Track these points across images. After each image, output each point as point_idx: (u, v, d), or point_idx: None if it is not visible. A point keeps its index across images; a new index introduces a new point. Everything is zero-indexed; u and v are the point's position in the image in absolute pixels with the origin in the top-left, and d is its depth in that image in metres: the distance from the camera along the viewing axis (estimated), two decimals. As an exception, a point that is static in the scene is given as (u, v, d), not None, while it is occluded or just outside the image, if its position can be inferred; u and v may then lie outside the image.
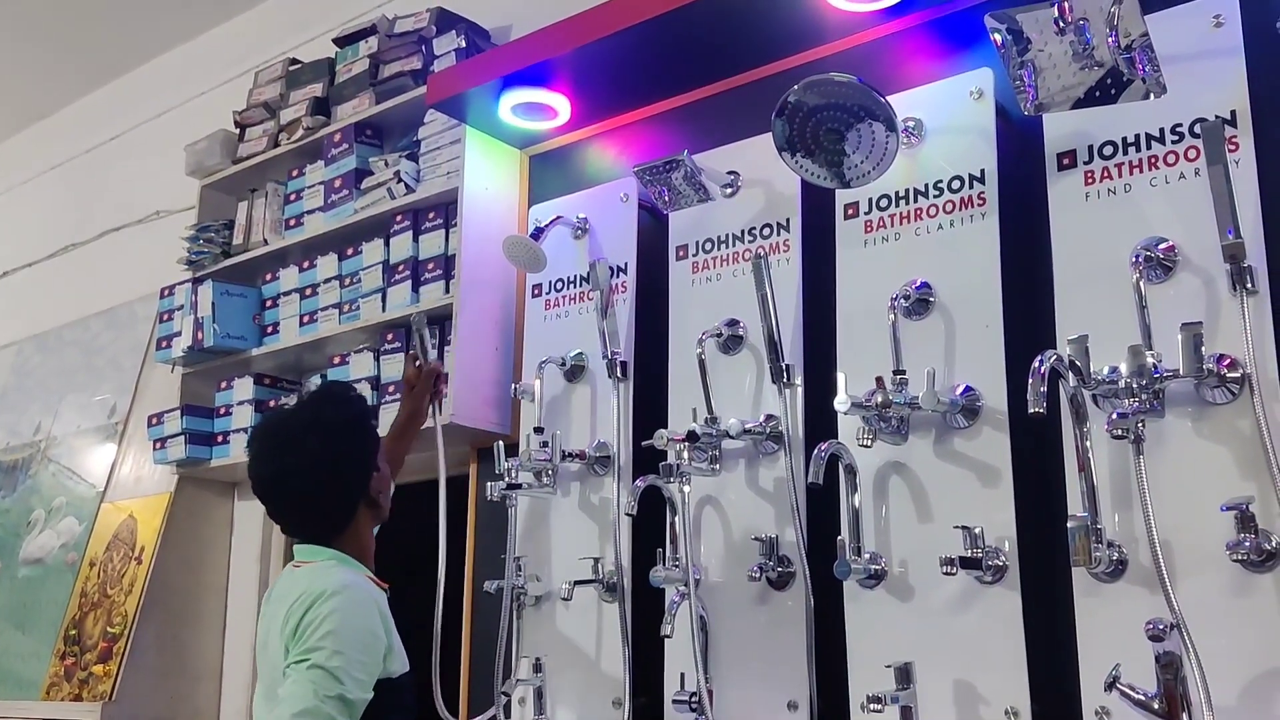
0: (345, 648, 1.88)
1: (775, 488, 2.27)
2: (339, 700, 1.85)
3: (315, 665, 1.85)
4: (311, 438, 2.03)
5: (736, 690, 2.22)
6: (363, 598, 1.97)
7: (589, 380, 2.61)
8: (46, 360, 4.51)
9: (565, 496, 2.59)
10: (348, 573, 2.00)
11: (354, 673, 1.88)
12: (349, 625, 1.91)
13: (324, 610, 1.90)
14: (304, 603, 1.92)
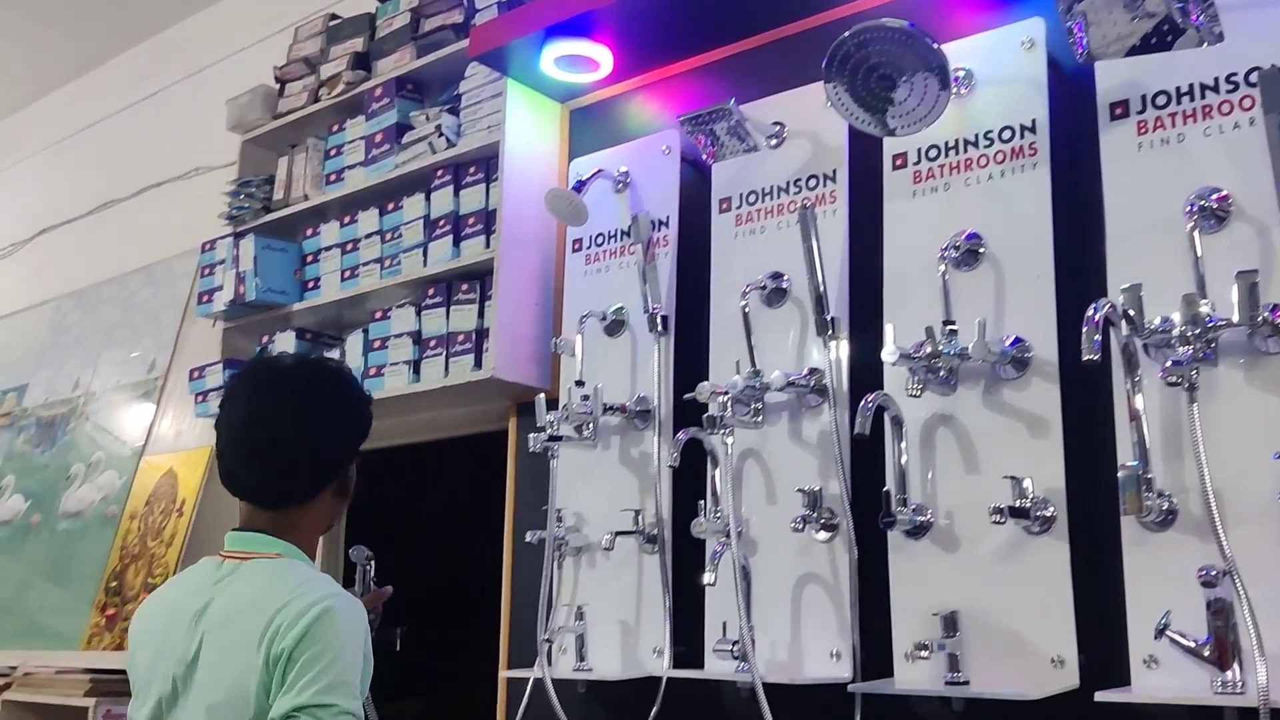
0: (353, 678, 1.65)
1: (819, 440, 2.27)
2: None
3: (343, 712, 1.61)
4: (325, 385, 1.86)
5: (778, 640, 2.23)
6: (359, 613, 1.72)
7: (630, 335, 2.61)
8: (85, 317, 4.55)
9: (606, 450, 2.60)
10: (327, 579, 1.76)
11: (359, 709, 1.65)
12: (354, 651, 1.67)
13: (334, 632, 1.64)
14: (305, 618, 1.64)
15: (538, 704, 2.50)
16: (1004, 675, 1.94)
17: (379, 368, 3.02)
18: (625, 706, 2.47)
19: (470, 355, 2.81)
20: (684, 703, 2.38)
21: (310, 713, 1.60)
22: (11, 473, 4.40)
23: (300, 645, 1.63)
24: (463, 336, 2.84)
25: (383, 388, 2.99)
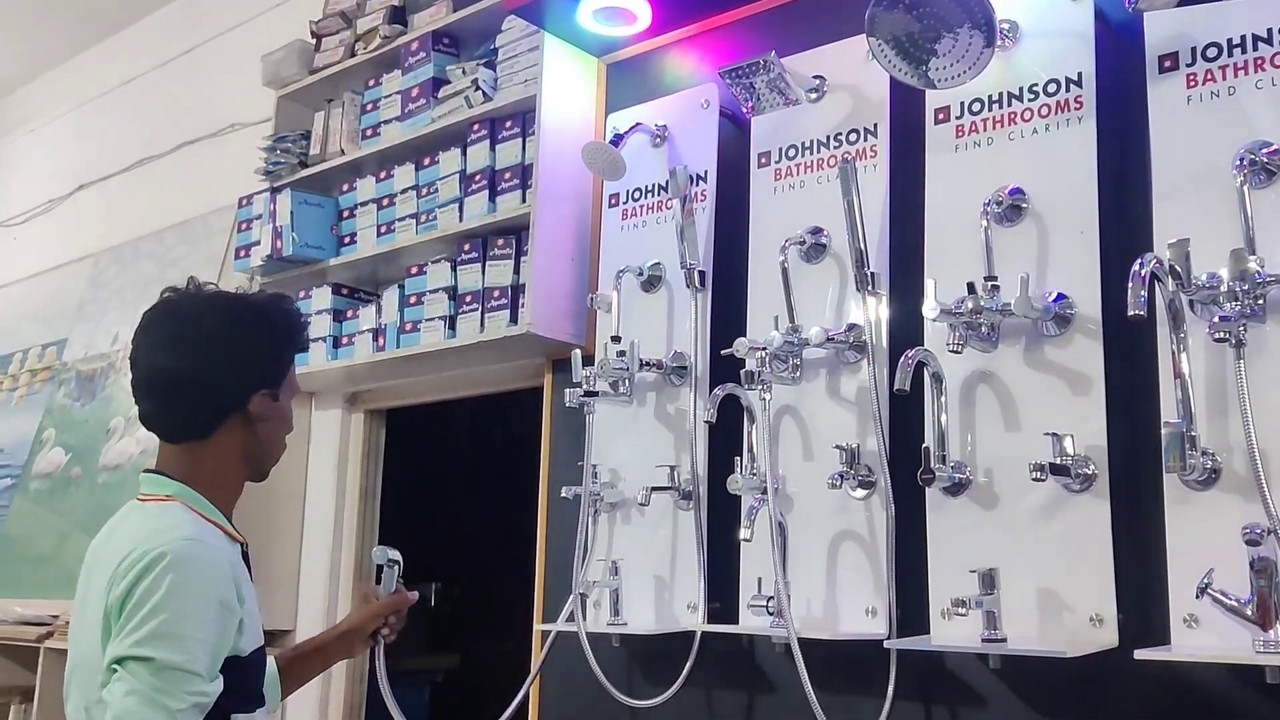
0: (193, 630, 1.56)
1: (857, 397, 2.26)
2: (191, 711, 1.53)
3: (163, 667, 1.52)
4: (213, 315, 1.77)
5: (814, 596, 2.23)
6: (212, 559, 1.63)
7: (666, 290, 2.60)
8: (122, 272, 4.58)
9: (642, 406, 2.60)
10: (194, 523, 1.67)
11: (202, 665, 1.56)
12: (192, 600, 1.57)
13: (164, 581, 1.56)
14: (136, 566, 1.57)
15: (572, 657, 2.52)
16: (1042, 633, 1.93)
17: (414, 323, 3.03)
18: (659, 661, 2.48)
19: (506, 311, 2.81)
20: (718, 658, 2.39)
21: (126, 665, 1.54)
22: (52, 426, 4.46)
23: (129, 594, 1.57)
24: (498, 292, 2.84)
25: (418, 343, 3.00)
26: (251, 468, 1.83)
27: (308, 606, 3.53)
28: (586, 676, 2.43)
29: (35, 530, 4.23)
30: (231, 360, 1.76)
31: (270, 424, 1.81)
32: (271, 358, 1.82)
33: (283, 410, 1.84)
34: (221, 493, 1.77)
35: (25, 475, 4.43)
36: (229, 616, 1.62)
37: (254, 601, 1.72)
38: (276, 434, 1.85)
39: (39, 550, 4.18)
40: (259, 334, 1.80)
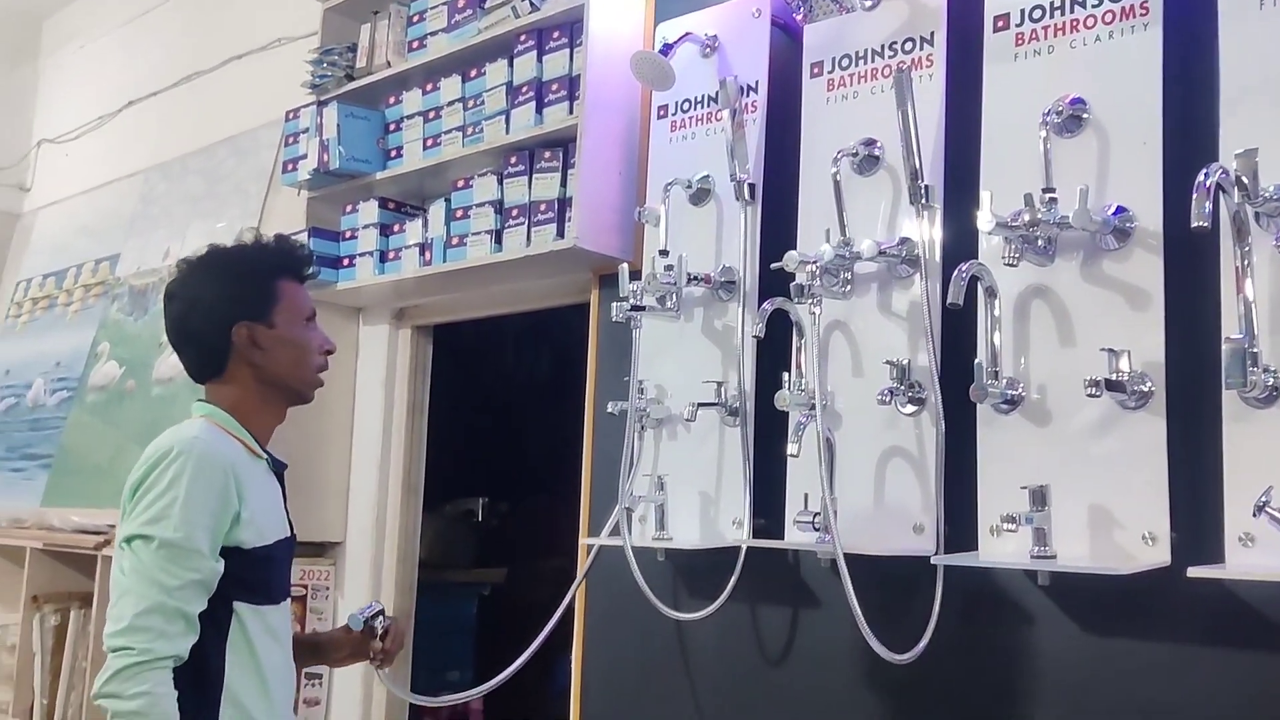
0: (190, 513, 1.75)
1: (909, 312, 2.22)
2: (190, 588, 1.73)
3: (162, 544, 1.73)
4: (191, 273, 1.98)
5: (860, 513, 2.22)
6: (212, 453, 1.81)
7: (715, 203, 2.57)
8: (172, 188, 4.59)
9: (689, 322, 2.57)
10: (207, 430, 1.87)
11: (201, 543, 1.75)
12: (192, 486, 1.76)
13: (169, 471, 1.77)
14: (145, 463, 1.81)
15: (616, 571, 2.53)
16: (1093, 551, 1.91)
17: (461, 237, 3.01)
18: (703, 575, 2.49)
19: (553, 225, 2.78)
20: (762, 573, 2.39)
21: (132, 544, 1.76)
22: (107, 340, 4.51)
23: (140, 483, 1.79)
24: (545, 206, 2.81)
25: (464, 258, 2.99)
26: (276, 392, 1.99)
27: (357, 519, 3.57)
28: (631, 590, 2.44)
29: (92, 442, 4.31)
30: (204, 306, 1.94)
31: (271, 351, 1.96)
32: (244, 292, 1.96)
33: (282, 336, 1.97)
34: (249, 417, 1.94)
35: (81, 388, 4.50)
36: (226, 507, 1.79)
37: (265, 507, 1.89)
38: (284, 358, 1.97)
39: (95, 461, 4.25)
40: (224, 276, 1.97)
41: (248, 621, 1.84)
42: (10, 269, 5.43)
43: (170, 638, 1.71)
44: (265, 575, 1.89)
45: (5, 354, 5.14)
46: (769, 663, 2.41)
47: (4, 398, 4.97)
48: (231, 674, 1.81)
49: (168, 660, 1.71)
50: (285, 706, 1.92)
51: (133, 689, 1.67)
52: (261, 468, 1.94)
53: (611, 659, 2.72)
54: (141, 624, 1.70)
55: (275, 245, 2.07)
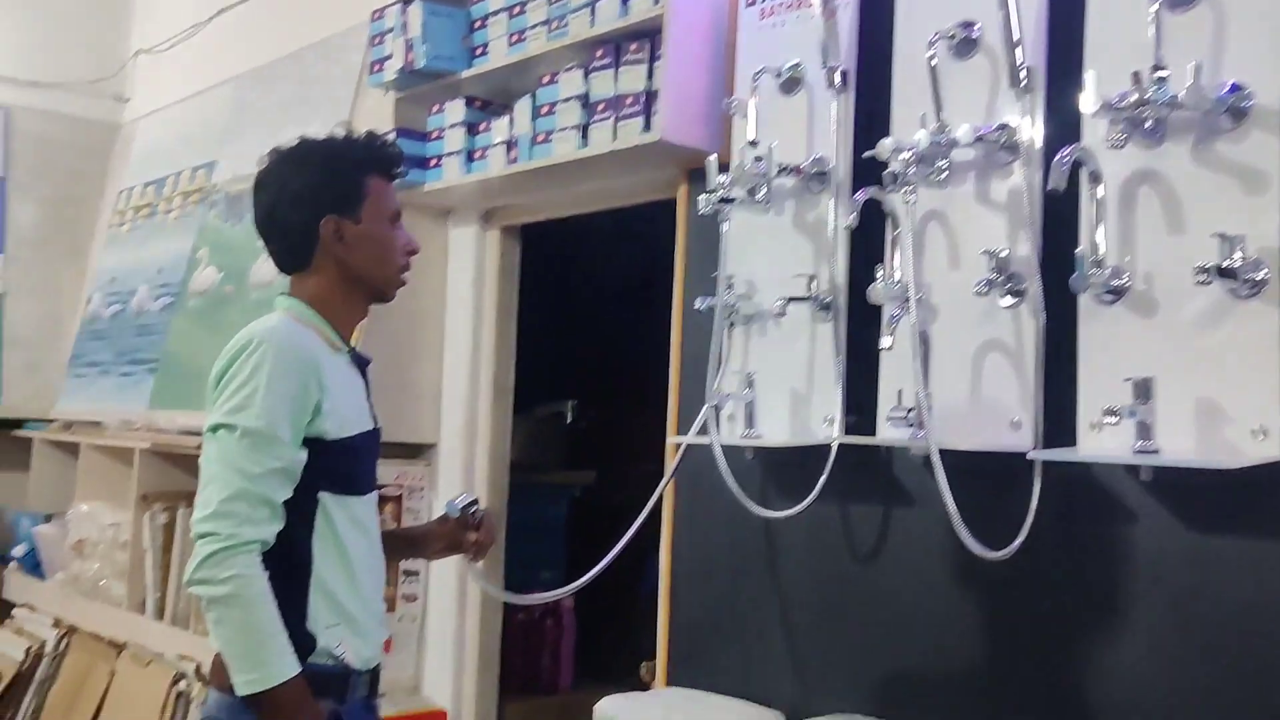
0: (271, 402, 1.77)
1: (1008, 200, 2.14)
2: (273, 475, 1.76)
3: (245, 432, 1.76)
4: (280, 164, 1.98)
5: (956, 408, 2.16)
6: (292, 344, 1.84)
7: (806, 92, 2.49)
8: (264, 94, 4.61)
9: (779, 214, 2.51)
10: (286, 322, 1.89)
11: (282, 431, 1.77)
12: (273, 376, 1.78)
13: (250, 360, 1.80)
14: (228, 354, 1.83)
15: (705, 470, 2.52)
16: (1199, 445, 1.83)
17: (547, 134, 2.97)
18: (793, 472, 2.46)
19: (639, 118, 2.72)
20: (855, 469, 2.35)
21: (216, 432, 1.80)
22: (205, 246, 4.58)
23: (223, 374, 1.82)
24: (631, 99, 2.75)
25: (551, 154, 2.95)
26: (359, 288, 2.00)
27: (450, 421, 3.61)
28: (720, 487, 2.43)
29: (194, 346, 4.40)
30: (293, 196, 1.94)
31: (356, 246, 1.96)
32: (334, 185, 1.96)
33: (367, 232, 1.97)
34: (329, 310, 1.96)
35: (183, 294, 4.59)
36: (306, 397, 1.81)
37: (347, 399, 1.91)
38: (368, 255, 1.98)
39: (198, 365, 4.34)
40: (315, 168, 1.96)
41: (333, 512, 1.87)
42: (113, 178, 5.53)
43: (255, 523, 1.74)
44: (349, 466, 1.91)
45: (111, 262, 5.26)
46: (859, 561, 2.38)
47: (111, 304, 5.09)
48: (319, 562, 1.85)
49: (254, 544, 1.74)
50: (373, 595, 1.95)
51: (223, 573, 1.71)
52: (343, 360, 1.95)
53: (700, 558, 2.72)
54: (226, 510, 1.73)
55: (366, 142, 2.05)
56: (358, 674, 1.88)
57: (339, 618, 1.86)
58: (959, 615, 2.21)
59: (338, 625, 1.85)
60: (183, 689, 3.53)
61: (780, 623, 2.52)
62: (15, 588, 4.75)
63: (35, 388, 5.22)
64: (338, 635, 1.85)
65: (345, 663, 1.85)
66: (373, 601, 1.94)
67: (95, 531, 4.22)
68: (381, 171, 2.02)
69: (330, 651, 1.84)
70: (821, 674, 2.44)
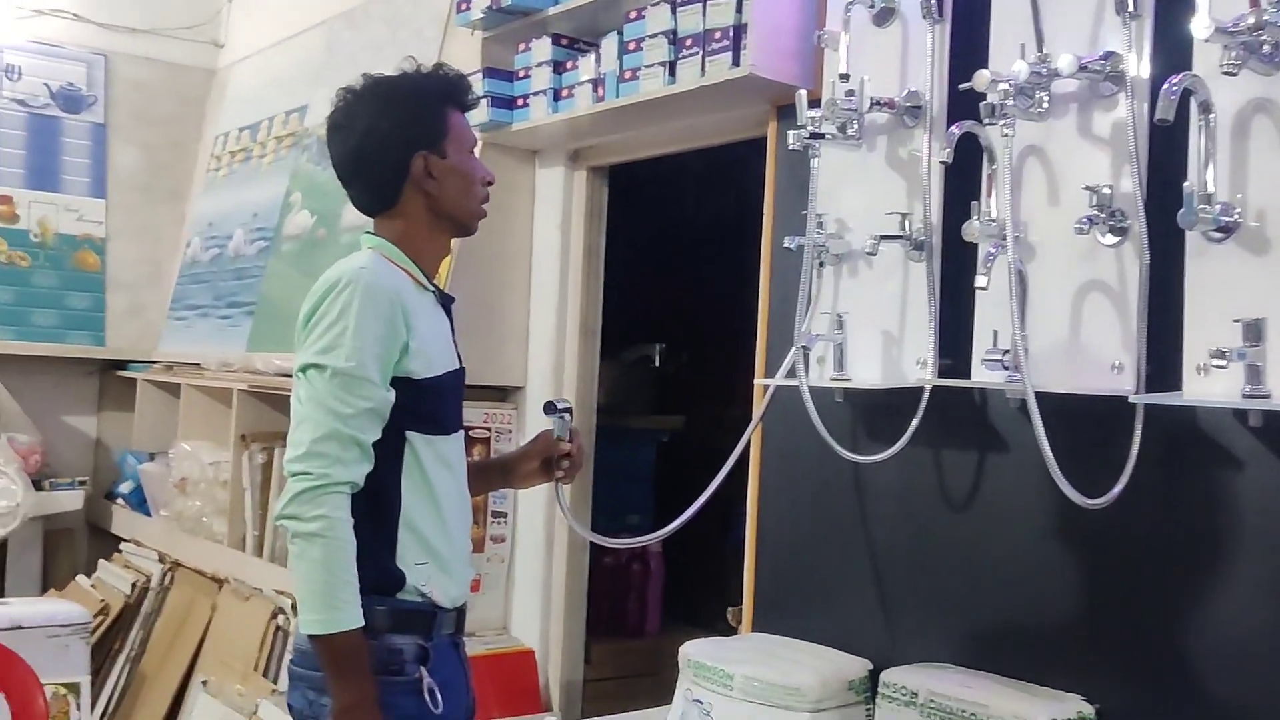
0: (360, 342, 1.76)
1: (1111, 133, 2.04)
2: (364, 416, 1.75)
3: (335, 372, 1.75)
4: (359, 103, 1.94)
5: (1054, 350, 2.09)
6: (379, 284, 1.81)
7: (900, 22, 2.40)
8: (355, 36, 4.62)
9: (871, 151, 2.44)
10: (374, 260, 1.86)
11: (371, 371, 1.76)
12: (361, 316, 1.77)
13: (339, 300, 1.78)
14: (316, 294, 1.82)
15: (794, 412, 2.48)
16: (1314, 389, 1.74)
17: (634, 70, 2.92)
18: (884, 416, 2.41)
19: (728, 53, 2.65)
20: (947, 414, 2.29)
21: (306, 373, 1.79)
22: (298, 190, 4.62)
23: (313, 312, 1.81)
24: (720, 34, 2.68)
25: (638, 91, 2.90)
26: (445, 224, 1.98)
27: (537, 363, 3.60)
28: (808, 431, 2.38)
29: (288, 289, 4.46)
30: (381, 136, 1.90)
31: (444, 181, 1.94)
32: (420, 122, 1.93)
33: (453, 166, 1.95)
34: (416, 248, 1.94)
35: (277, 238, 4.64)
36: (394, 337, 1.80)
37: (433, 338, 1.89)
38: (454, 189, 1.96)
39: (293, 307, 4.33)
40: (400, 106, 1.92)
41: (421, 451, 1.87)
42: (209, 124, 5.61)
43: (346, 464, 1.75)
44: (436, 406, 1.90)
45: (208, 206, 5.35)
46: (951, 508, 2.32)
47: (209, 248, 5.18)
48: (407, 501, 1.85)
49: (344, 486, 1.75)
50: (461, 534, 1.95)
51: (311, 511, 1.72)
52: (429, 300, 1.94)
53: (787, 503, 2.68)
54: (318, 449, 1.74)
55: (440, 74, 2.01)
56: (444, 612, 1.89)
57: (427, 556, 1.86)
58: (1054, 565, 2.15)
59: (425, 564, 1.86)
60: (280, 623, 3.61)
61: (868, 569, 2.47)
62: (122, 523, 4.91)
63: (138, 330, 5.36)
64: (425, 573, 1.85)
65: (433, 600, 1.86)
66: (460, 541, 1.95)
67: (197, 470, 4.33)
68: (457, 103, 2.00)
69: (418, 589, 1.85)
70: (909, 622, 2.40)
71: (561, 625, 3.52)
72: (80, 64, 5.40)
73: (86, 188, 5.39)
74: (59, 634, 3.30)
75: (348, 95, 1.98)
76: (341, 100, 1.98)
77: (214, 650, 3.86)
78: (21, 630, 3.21)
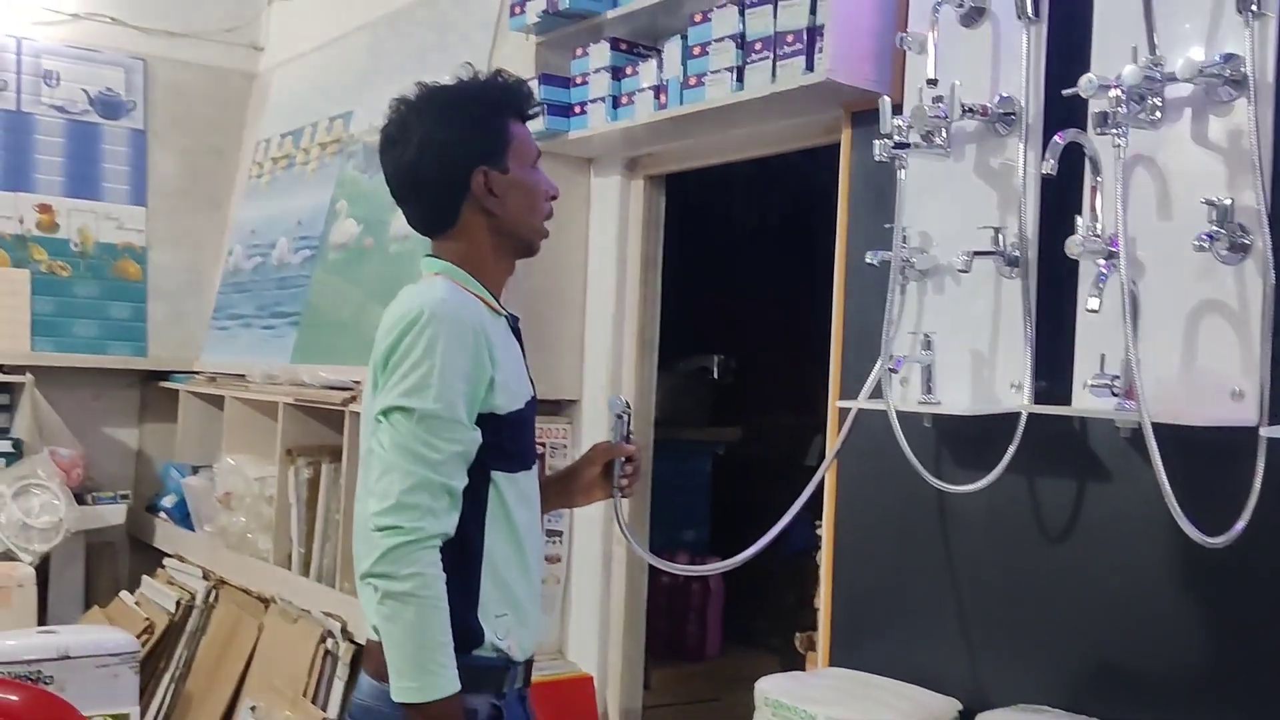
0: (448, 381, 1.65)
1: (1230, 142, 1.89)
2: (453, 460, 1.64)
3: (423, 416, 1.64)
4: (414, 116, 1.81)
5: (1167, 376, 1.94)
6: (464, 317, 1.70)
7: (992, 23, 2.26)
8: (400, 41, 4.51)
9: (960, 161, 2.30)
10: (451, 290, 1.74)
11: (461, 413, 1.65)
12: (447, 353, 1.66)
13: (422, 337, 1.66)
14: (396, 328, 1.69)
15: (876, 437, 2.34)
16: None
17: (699, 77, 2.79)
18: (976, 444, 2.27)
19: (800, 57, 2.52)
20: (1046, 444, 2.15)
21: (390, 416, 1.67)
22: (344, 198, 4.52)
23: (393, 350, 1.69)
24: (792, 36, 2.55)
25: (703, 99, 2.77)
26: (509, 243, 1.85)
27: (593, 376, 3.49)
28: (893, 458, 2.25)
29: (335, 299, 4.36)
30: (438, 151, 1.78)
31: (506, 198, 1.81)
32: (480, 134, 1.81)
33: (516, 181, 1.82)
34: (484, 272, 1.82)
35: (323, 246, 4.55)
36: (480, 372, 1.69)
37: (514, 368, 1.78)
38: (517, 205, 1.83)
39: (340, 318, 4.31)
40: (458, 117, 1.80)
41: (505, 490, 1.75)
42: (250, 129, 5.53)
43: (438, 515, 1.64)
44: (519, 440, 1.79)
45: (250, 213, 5.26)
46: (1050, 542, 2.18)
47: (252, 256, 5.09)
48: (491, 545, 1.74)
49: (437, 538, 1.64)
50: (537, 572, 1.85)
51: (405, 570, 1.61)
52: (503, 326, 1.82)
53: (867, 532, 2.55)
54: (410, 501, 1.62)
55: (500, 83, 1.87)
56: (516, 665, 1.78)
57: (508, 606, 1.75)
58: (1165, 604, 2.00)
59: (505, 615, 1.75)
60: (330, 647, 3.51)
61: (956, 604, 2.34)
62: (165, 537, 4.82)
63: (180, 339, 5.28)
64: (505, 626, 1.74)
65: (508, 654, 1.75)
66: (536, 577, 1.84)
67: (241, 484, 4.23)
68: (518, 113, 1.87)
69: (495, 644, 1.74)
70: (1002, 661, 2.26)
71: (620, 649, 3.40)
72: (119, 69, 5.32)
73: (126, 195, 5.32)
74: (108, 663, 3.21)
75: (401, 106, 1.84)
76: (395, 111, 1.85)
77: (261, 673, 3.76)
78: (69, 660, 3.12)
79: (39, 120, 5.14)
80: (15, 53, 5.11)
